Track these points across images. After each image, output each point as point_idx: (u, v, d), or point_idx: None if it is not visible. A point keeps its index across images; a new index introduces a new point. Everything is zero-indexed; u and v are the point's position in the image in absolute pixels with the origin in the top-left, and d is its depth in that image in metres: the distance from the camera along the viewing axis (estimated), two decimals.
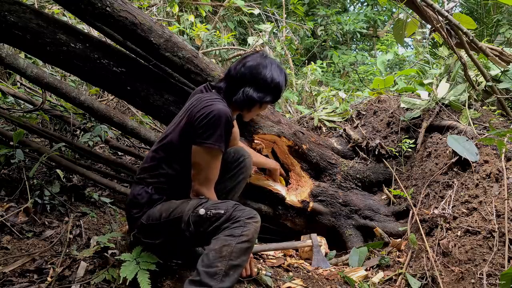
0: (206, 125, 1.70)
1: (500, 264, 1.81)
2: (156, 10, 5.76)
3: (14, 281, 1.74)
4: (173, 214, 1.73)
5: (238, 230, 1.57)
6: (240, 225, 1.58)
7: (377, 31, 9.88)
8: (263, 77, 1.82)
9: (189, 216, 1.67)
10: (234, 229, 1.58)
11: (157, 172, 1.85)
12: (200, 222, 1.66)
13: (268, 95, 1.86)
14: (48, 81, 2.60)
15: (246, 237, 1.57)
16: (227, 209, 1.64)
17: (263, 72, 1.83)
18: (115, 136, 3.61)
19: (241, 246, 1.56)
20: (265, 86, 1.83)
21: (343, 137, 3.15)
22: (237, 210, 1.63)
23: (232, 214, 1.61)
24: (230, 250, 1.54)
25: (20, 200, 2.32)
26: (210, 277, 1.51)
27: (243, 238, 1.56)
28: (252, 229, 1.59)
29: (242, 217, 1.60)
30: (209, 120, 1.70)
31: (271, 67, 1.85)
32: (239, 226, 1.58)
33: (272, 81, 1.84)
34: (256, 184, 2.71)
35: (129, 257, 1.78)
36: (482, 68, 2.83)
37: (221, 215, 1.62)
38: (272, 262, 2.42)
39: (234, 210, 1.63)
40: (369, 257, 2.48)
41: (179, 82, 2.60)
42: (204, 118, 1.71)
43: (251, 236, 1.58)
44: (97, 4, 2.12)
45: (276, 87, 1.85)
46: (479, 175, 2.20)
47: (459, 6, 7.12)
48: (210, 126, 1.70)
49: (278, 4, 7.94)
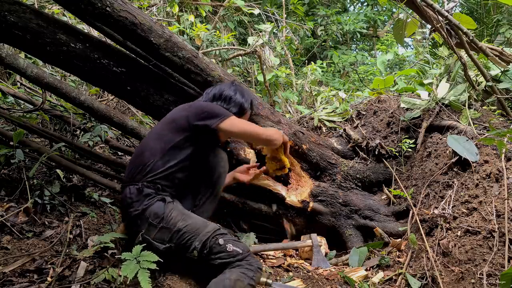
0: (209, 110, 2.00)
1: (500, 264, 1.81)
2: (156, 10, 5.77)
3: (14, 281, 1.73)
4: (190, 228, 1.83)
5: (251, 273, 1.76)
6: (252, 270, 1.77)
7: (377, 31, 9.88)
8: (232, 93, 2.19)
9: (209, 239, 1.81)
10: (248, 270, 1.76)
11: (147, 170, 1.93)
12: (216, 250, 1.80)
13: (234, 108, 2.16)
14: (48, 81, 2.60)
15: (254, 282, 1.76)
16: (244, 251, 1.82)
17: (227, 92, 2.19)
18: (115, 136, 3.61)
19: (249, 285, 1.74)
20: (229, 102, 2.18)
21: (343, 137, 3.15)
22: (251, 257, 1.84)
23: (247, 258, 1.81)
24: (242, 286, 1.71)
25: (20, 200, 2.31)
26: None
27: (252, 281, 1.74)
28: (258, 279, 1.79)
29: (255, 265, 1.80)
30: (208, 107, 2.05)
31: (236, 90, 2.21)
32: (252, 270, 1.77)
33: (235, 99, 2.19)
34: (256, 184, 2.71)
35: (129, 256, 1.78)
36: (482, 68, 2.83)
37: (238, 254, 1.80)
38: (272, 262, 2.43)
39: (249, 256, 1.83)
40: (369, 257, 2.48)
41: (179, 82, 2.60)
42: (205, 107, 2.03)
43: (255, 284, 1.77)
44: (97, 4, 2.12)
45: (239, 104, 2.20)
46: (479, 175, 2.19)
47: (459, 6, 7.12)
48: (211, 110, 2.02)
49: (278, 4, 7.94)
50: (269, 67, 5.51)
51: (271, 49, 5.75)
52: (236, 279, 1.70)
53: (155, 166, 1.92)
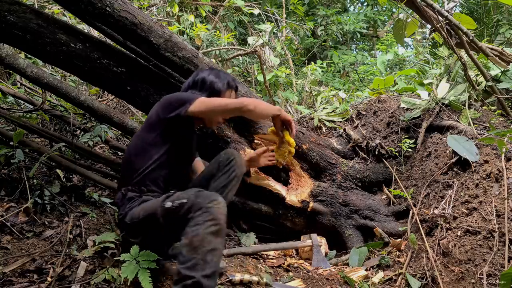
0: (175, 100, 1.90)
1: (500, 264, 1.81)
2: (156, 10, 5.77)
3: (14, 281, 1.74)
4: (148, 211, 1.77)
5: (202, 218, 1.58)
6: (203, 211, 1.59)
7: (377, 31, 9.88)
8: (202, 78, 2.08)
9: (158, 210, 1.72)
10: (197, 217, 1.59)
11: (130, 173, 1.93)
12: (168, 215, 1.70)
13: (204, 93, 2.02)
14: (48, 81, 2.60)
15: (212, 221, 1.58)
16: (189, 197, 1.66)
17: (200, 75, 2.09)
18: (115, 136, 3.61)
19: (210, 230, 1.57)
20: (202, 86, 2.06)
21: (343, 137, 3.15)
22: (199, 197, 1.65)
23: (194, 202, 1.63)
24: (200, 238, 1.56)
25: (20, 200, 2.31)
26: (191, 270, 1.53)
27: (208, 223, 1.57)
28: (214, 211, 1.60)
29: (203, 204, 1.61)
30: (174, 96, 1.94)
31: (210, 72, 2.09)
32: (201, 213, 1.59)
33: (207, 81, 2.06)
34: (256, 184, 2.71)
35: (128, 257, 1.78)
36: (482, 68, 2.83)
37: (184, 204, 1.65)
38: (272, 262, 2.42)
39: (196, 198, 1.65)
40: (369, 257, 2.48)
41: (179, 82, 2.60)
42: (171, 98, 1.93)
43: (216, 218, 1.59)
44: (97, 4, 2.12)
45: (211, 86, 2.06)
46: (479, 175, 2.19)
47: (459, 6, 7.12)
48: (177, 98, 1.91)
49: (278, 4, 7.94)
50: (269, 67, 5.51)
51: (271, 49, 5.75)
52: (190, 239, 1.57)
53: (136, 167, 1.91)
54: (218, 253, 1.60)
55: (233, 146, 2.66)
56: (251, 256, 2.40)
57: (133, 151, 1.96)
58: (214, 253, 1.57)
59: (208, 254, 1.56)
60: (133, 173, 1.91)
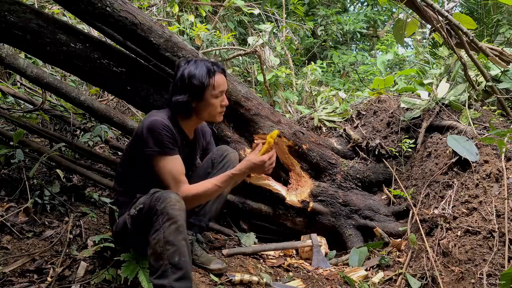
0: (144, 135, 1.77)
1: (500, 264, 1.81)
2: (156, 10, 5.77)
3: (14, 281, 1.74)
4: (124, 219, 1.80)
5: (158, 222, 1.56)
6: (158, 214, 1.57)
7: (377, 31, 9.88)
8: (179, 77, 1.85)
9: (127, 218, 1.75)
10: (154, 223, 1.57)
11: (121, 178, 1.96)
12: (134, 222, 1.72)
13: (186, 94, 1.84)
14: (48, 81, 2.60)
15: (169, 221, 1.55)
16: (145, 201, 1.66)
17: (178, 73, 1.86)
18: (115, 136, 3.61)
19: (169, 232, 1.55)
20: (182, 86, 1.84)
21: (343, 137, 3.15)
22: (153, 199, 1.62)
23: (150, 206, 1.62)
24: (162, 243, 1.54)
25: (20, 200, 2.32)
26: (161, 278, 1.53)
27: (166, 224, 1.55)
28: (169, 211, 1.56)
29: (156, 206, 1.58)
30: (146, 131, 1.76)
31: (187, 65, 1.85)
32: (157, 218, 1.57)
33: (185, 79, 1.83)
34: (256, 184, 2.71)
35: (128, 257, 1.78)
36: (482, 68, 2.83)
37: (142, 209, 1.65)
38: (272, 262, 2.42)
39: (151, 201, 1.62)
40: (369, 257, 2.48)
41: None
42: (142, 129, 1.79)
43: (173, 216, 1.56)
44: (97, 4, 2.12)
45: (190, 83, 1.83)
46: (479, 175, 2.19)
47: (459, 6, 7.12)
48: (147, 135, 1.76)
49: (278, 4, 7.94)
50: (269, 67, 5.51)
51: (271, 49, 5.75)
52: (153, 247, 1.55)
53: (127, 174, 1.93)
54: (184, 250, 1.57)
55: (233, 146, 2.66)
56: (251, 256, 2.40)
57: (124, 158, 1.99)
58: (179, 252, 1.55)
59: (174, 256, 1.54)
60: (123, 179, 1.94)
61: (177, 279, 1.53)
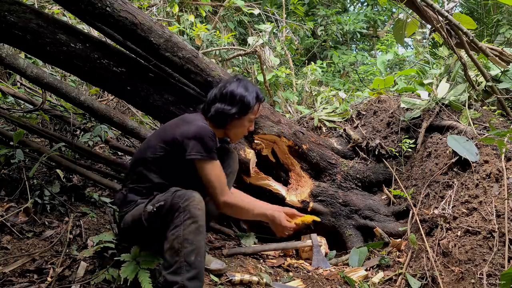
0: (192, 140, 1.79)
1: (500, 264, 1.81)
2: (156, 10, 5.77)
3: (14, 281, 1.74)
4: (135, 216, 1.78)
5: (179, 219, 1.59)
6: (180, 211, 1.60)
7: (377, 31, 9.88)
8: (230, 91, 1.94)
9: (142, 215, 1.72)
10: (175, 219, 1.60)
11: (134, 176, 1.91)
12: (151, 219, 1.70)
13: (234, 107, 1.94)
14: (48, 81, 2.60)
15: (190, 219, 1.58)
16: (166, 199, 1.67)
17: (228, 87, 1.96)
18: (115, 136, 3.61)
19: (189, 230, 1.57)
20: (231, 99, 1.93)
21: (343, 137, 3.15)
22: (175, 197, 1.65)
23: (172, 203, 1.64)
24: (181, 240, 1.56)
25: (20, 200, 2.32)
26: (175, 275, 1.54)
27: (187, 222, 1.58)
28: (191, 209, 1.60)
29: (179, 204, 1.61)
30: (194, 136, 1.80)
31: (239, 84, 1.97)
32: (179, 214, 1.60)
33: (237, 95, 1.94)
34: (256, 184, 2.71)
35: (128, 257, 1.78)
36: (482, 68, 2.83)
37: (162, 206, 1.66)
38: (272, 262, 2.43)
39: (172, 199, 1.65)
40: (369, 257, 2.48)
41: (179, 82, 2.60)
42: (188, 134, 1.81)
43: (194, 215, 1.59)
44: (97, 4, 2.12)
45: (241, 100, 1.94)
46: (479, 175, 2.19)
47: (459, 6, 7.12)
48: (195, 140, 1.79)
49: (278, 4, 7.94)
50: (269, 67, 5.51)
51: (271, 49, 5.75)
52: (171, 243, 1.57)
53: (149, 176, 1.88)
54: (201, 251, 1.60)
55: (233, 146, 2.66)
56: (251, 256, 2.40)
57: (139, 156, 1.91)
58: (196, 252, 1.57)
59: (191, 255, 1.56)
60: (136, 177, 1.89)
61: (190, 278, 1.54)
